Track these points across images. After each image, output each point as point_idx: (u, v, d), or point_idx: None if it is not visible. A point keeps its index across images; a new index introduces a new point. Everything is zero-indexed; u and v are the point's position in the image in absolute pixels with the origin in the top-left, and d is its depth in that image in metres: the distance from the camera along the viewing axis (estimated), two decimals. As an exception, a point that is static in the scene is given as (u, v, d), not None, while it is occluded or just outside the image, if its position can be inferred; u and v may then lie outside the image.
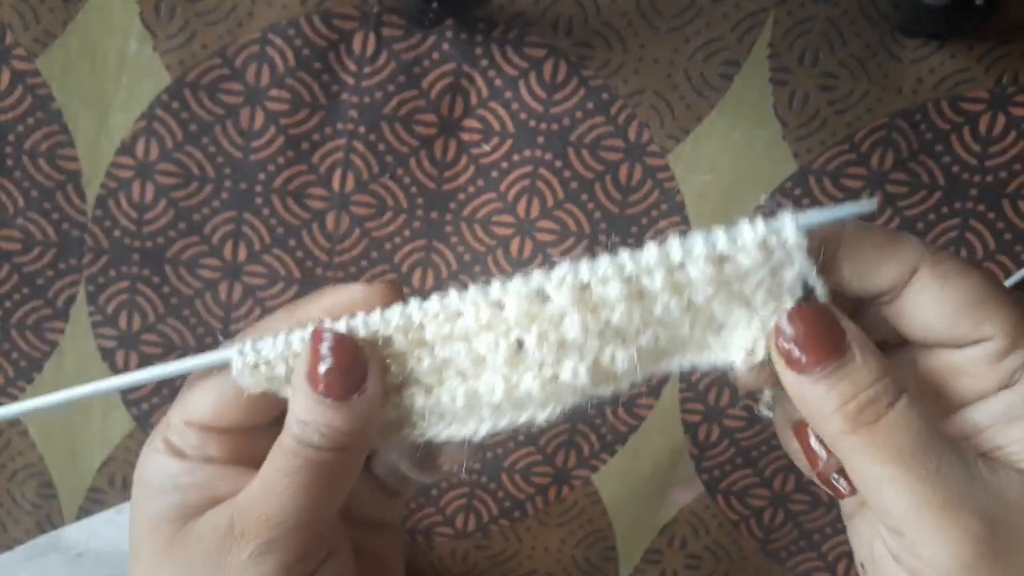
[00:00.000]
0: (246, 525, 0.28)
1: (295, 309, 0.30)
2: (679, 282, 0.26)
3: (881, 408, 0.24)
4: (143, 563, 0.30)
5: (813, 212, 0.26)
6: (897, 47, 0.51)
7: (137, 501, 0.31)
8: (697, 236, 0.26)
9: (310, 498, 0.29)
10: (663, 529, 0.57)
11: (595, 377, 0.28)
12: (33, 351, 0.55)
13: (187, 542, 0.29)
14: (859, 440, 0.25)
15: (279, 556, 0.28)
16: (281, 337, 0.29)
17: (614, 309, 0.26)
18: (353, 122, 0.52)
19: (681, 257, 0.26)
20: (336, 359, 0.27)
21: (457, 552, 0.57)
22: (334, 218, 0.53)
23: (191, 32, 0.51)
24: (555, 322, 0.27)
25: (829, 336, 0.25)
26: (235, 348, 0.29)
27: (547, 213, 0.53)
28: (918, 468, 0.24)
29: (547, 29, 0.51)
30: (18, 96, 0.52)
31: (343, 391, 0.28)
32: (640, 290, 0.26)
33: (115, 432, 0.56)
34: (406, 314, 0.28)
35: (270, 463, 0.29)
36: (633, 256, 0.26)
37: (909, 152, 0.52)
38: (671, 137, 0.52)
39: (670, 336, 0.27)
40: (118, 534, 0.55)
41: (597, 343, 0.27)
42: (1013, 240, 0.53)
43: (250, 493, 0.29)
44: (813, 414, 0.26)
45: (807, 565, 0.57)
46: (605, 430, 0.56)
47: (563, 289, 0.26)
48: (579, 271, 0.27)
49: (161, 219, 0.53)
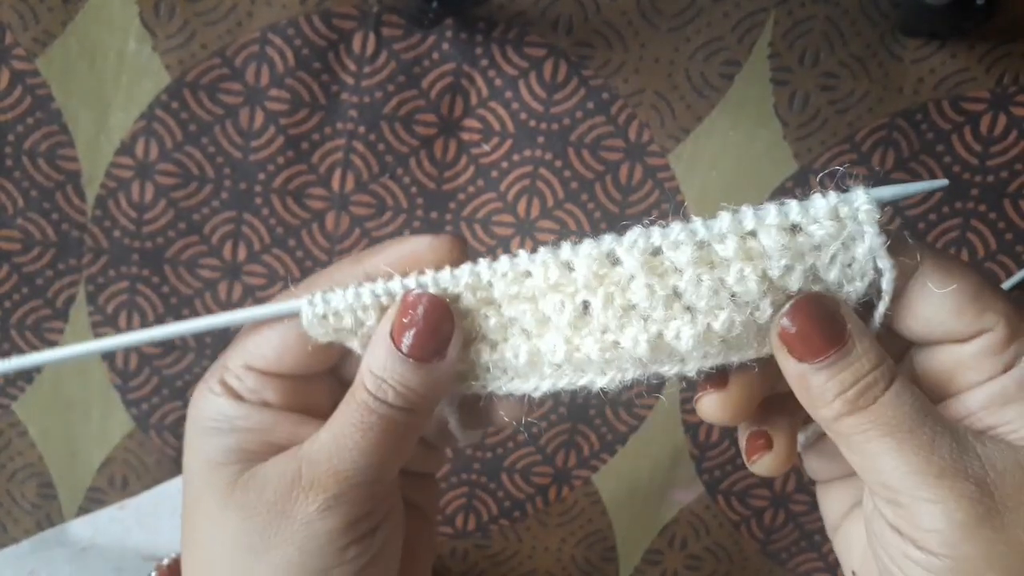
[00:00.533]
0: (315, 476, 0.28)
1: (361, 260, 0.30)
2: (752, 249, 0.26)
3: (878, 391, 0.26)
4: (204, 506, 0.29)
5: (887, 187, 0.26)
6: (898, 47, 0.51)
7: (192, 441, 0.31)
8: (771, 205, 0.26)
9: (379, 455, 0.29)
10: (663, 529, 0.57)
11: (655, 350, 0.27)
12: (33, 351, 0.55)
13: (250, 488, 0.29)
14: (858, 420, 0.26)
15: (345, 512, 0.28)
16: (352, 290, 0.29)
17: (683, 274, 0.26)
18: (353, 122, 0.52)
19: (754, 224, 0.26)
20: (426, 322, 0.28)
21: (457, 551, 0.57)
22: (334, 218, 0.53)
23: (191, 32, 0.51)
24: (622, 286, 0.27)
25: (831, 327, 0.26)
26: (305, 299, 0.29)
27: (547, 213, 0.53)
28: (913, 441, 0.25)
29: (547, 29, 0.51)
30: (18, 96, 0.52)
31: (427, 354, 0.28)
32: (711, 260, 0.26)
33: (115, 432, 0.56)
34: (476, 273, 0.28)
35: (343, 416, 0.29)
36: (706, 223, 0.26)
37: (910, 152, 0.52)
38: (671, 137, 0.52)
39: (746, 321, 0.27)
40: (123, 531, 0.55)
41: (663, 313, 0.27)
42: (1014, 240, 0.53)
43: (320, 444, 0.29)
44: (814, 400, 0.27)
45: (808, 566, 0.57)
46: (605, 430, 0.55)
47: (633, 252, 0.27)
48: (651, 235, 0.27)
49: (161, 219, 0.53)
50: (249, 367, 0.30)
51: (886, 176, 0.52)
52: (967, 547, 0.25)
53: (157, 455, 0.56)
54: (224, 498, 0.29)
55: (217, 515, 0.29)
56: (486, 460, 0.56)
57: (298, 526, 0.28)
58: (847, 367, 0.26)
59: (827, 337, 0.26)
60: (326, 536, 0.28)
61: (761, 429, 0.30)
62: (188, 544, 0.31)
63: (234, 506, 0.29)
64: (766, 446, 0.30)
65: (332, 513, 0.28)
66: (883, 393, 0.26)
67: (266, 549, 0.28)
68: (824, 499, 0.33)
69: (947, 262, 0.26)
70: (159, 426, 0.56)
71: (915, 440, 0.25)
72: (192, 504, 0.30)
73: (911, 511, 0.26)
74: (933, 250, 0.27)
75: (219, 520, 0.29)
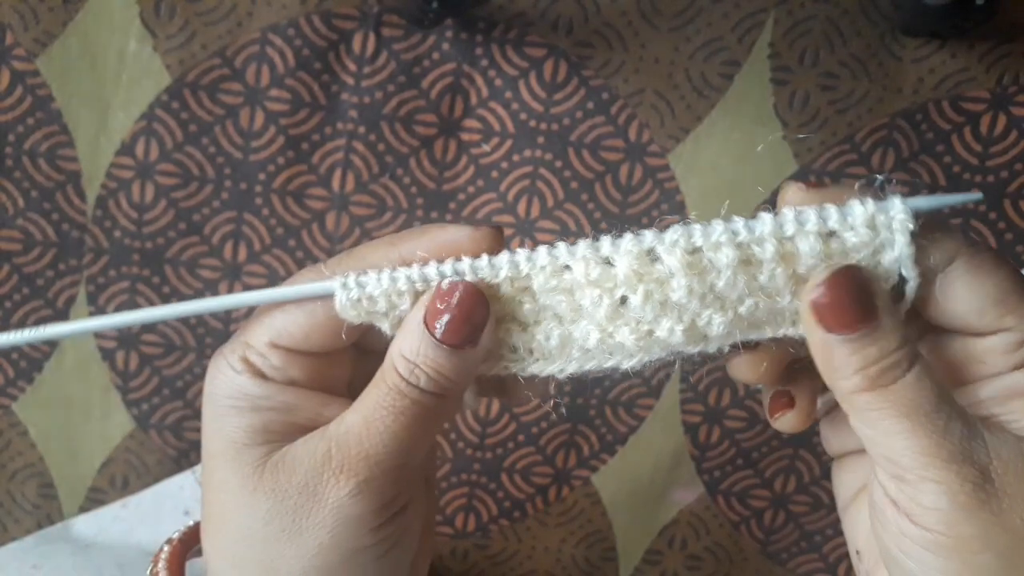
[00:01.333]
0: (346, 459, 0.28)
1: (397, 242, 0.29)
2: (788, 252, 0.27)
3: (899, 372, 0.26)
4: (232, 488, 0.29)
5: (922, 198, 0.27)
6: (898, 47, 0.51)
7: (213, 420, 0.30)
8: (810, 211, 0.27)
9: (410, 439, 0.29)
10: (663, 530, 0.57)
11: (689, 337, 0.28)
12: (33, 351, 0.55)
13: (280, 471, 0.29)
14: (875, 397, 0.26)
15: (375, 495, 0.29)
16: (387, 274, 0.29)
17: (721, 274, 0.27)
18: (353, 122, 0.52)
19: (794, 230, 0.27)
20: (461, 310, 0.28)
21: (457, 551, 0.57)
22: (334, 218, 0.53)
23: (191, 32, 0.51)
24: (662, 282, 0.28)
25: (863, 302, 0.26)
26: (339, 281, 0.29)
27: (547, 213, 0.53)
28: (928, 424, 0.26)
29: (547, 29, 0.51)
30: (18, 96, 0.52)
31: (460, 340, 0.28)
32: (748, 257, 0.27)
33: (115, 432, 0.56)
34: (515, 264, 0.29)
35: (373, 399, 0.29)
36: (747, 224, 0.27)
37: (910, 152, 0.52)
38: (671, 137, 0.52)
39: (769, 306, 0.28)
40: (126, 529, 0.55)
41: (698, 305, 0.28)
42: (1014, 240, 0.53)
43: (349, 426, 0.29)
44: (835, 371, 0.27)
45: (808, 567, 0.57)
46: (605, 430, 0.55)
47: (675, 251, 0.27)
48: (692, 235, 0.27)
49: (161, 219, 0.53)
50: (275, 345, 0.30)
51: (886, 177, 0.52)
52: (965, 528, 0.26)
53: (158, 455, 0.56)
54: (253, 481, 0.29)
55: (246, 498, 0.29)
56: (486, 460, 0.56)
57: (329, 510, 0.28)
58: (873, 343, 0.26)
59: (858, 312, 0.26)
60: (357, 520, 0.29)
61: (785, 388, 0.31)
62: (214, 525, 0.30)
63: (264, 489, 0.29)
64: (788, 404, 0.31)
65: (363, 497, 0.28)
66: (904, 374, 0.26)
67: (298, 532, 0.28)
68: (837, 476, 0.33)
69: (979, 261, 0.27)
70: (159, 426, 0.56)
71: (930, 424, 0.26)
72: (218, 484, 0.30)
73: (914, 488, 0.26)
74: (969, 247, 0.27)
75: (249, 503, 0.29)
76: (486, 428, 0.56)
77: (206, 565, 0.31)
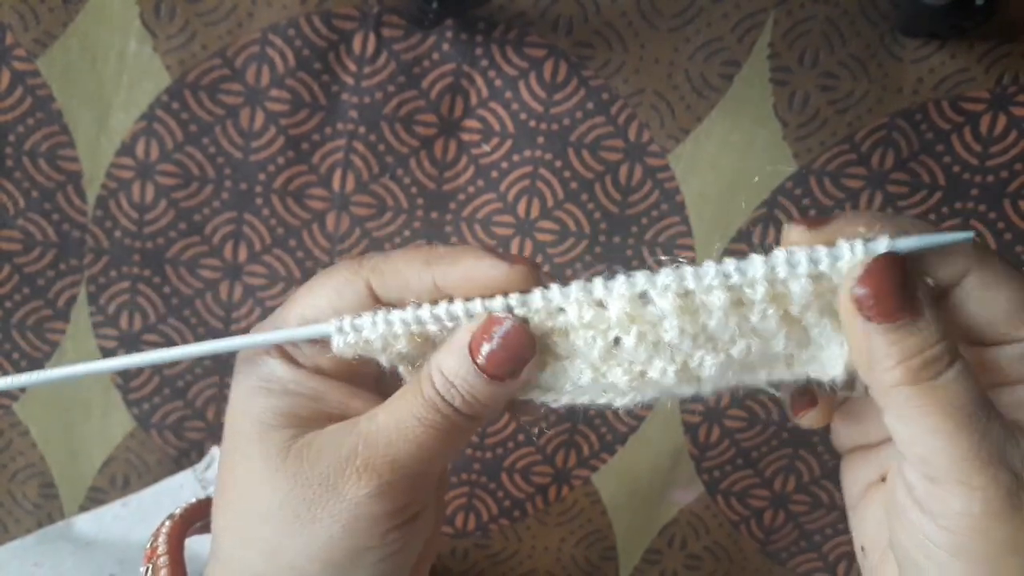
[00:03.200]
0: (370, 460, 0.29)
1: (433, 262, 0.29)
2: (779, 293, 0.27)
3: (941, 367, 0.26)
4: (253, 467, 0.30)
5: (911, 238, 0.27)
6: (897, 47, 0.51)
7: (241, 399, 0.31)
8: (801, 253, 0.27)
9: (435, 451, 0.29)
10: (663, 529, 0.57)
11: (681, 378, 0.29)
12: (34, 351, 0.55)
13: (304, 458, 0.29)
14: (917, 392, 0.26)
15: (393, 499, 0.29)
16: (381, 317, 0.29)
17: (712, 315, 0.27)
18: (353, 122, 0.52)
19: (786, 273, 0.27)
20: (506, 343, 0.28)
21: (457, 551, 0.57)
22: (334, 218, 0.53)
23: (191, 32, 0.51)
24: (654, 324, 0.28)
25: (905, 291, 0.26)
26: (334, 325, 0.29)
27: (547, 213, 0.53)
28: (970, 425, 0.25)
29: (547, 29, 0.51)
30: (18, 97, 0.52)
31: (502, 374, 0.28)
32: (740, 299, 0.27)
33: (115, 432, 0.56)
34: (510, 308, 0.29)
35: (407, 405, 0.29)
36: (739, 267, 0.27)
37: (910, 152, 0.52)
38: (671, 137, 0.52)
39: (762, 349, 0.28)
40: (126, 528, 0.56)
41: (690, 346, 0.28)
42: (1014, 240, 0.53)
43: (379, 427, 0.29)
44: (875, 362, 0.27)
45: (808, 566, 0.57)
46: (605, 430, 0.56)
47: (667, 295, 0.27)
48: (684, 278, 0.27)
49: (161, 219, 0.53)
50: None
51: (886, 175, 0.52)
52: (996, 533, 0.25)
53: (158, 455, 0.56)
54: (277, 462, 0.29)
55: (267, 478, 0.29)
56: (486, 460, 0.56)
57: (346, 504, 0.29)
58: (914, 334, 0.26)
59: (901, 301, 0.26)
60: (371, 519, 0.29)
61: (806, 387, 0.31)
62: (228, 500, 0.31)
63: (286, 472, 0.29)
64: (811, 403, 0.31)
65: (381, 499, 0.29)
66: (946, 369, 0.26)
67: (311, 520, 0.29)
68: (847, 472, 0.33)
69: (992, 275, 0.27)
70: (160, 426, 0.56)
71: (973, 425, 0.25)
72: (240, 461, 0.30)
73: (946, 491, 0.26)
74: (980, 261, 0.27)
75: (268, 483, 0.29)
76: (486, 428, 0.56)
77: (213, 540, 0.31)
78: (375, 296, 0.30)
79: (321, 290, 0.30)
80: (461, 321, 0.29)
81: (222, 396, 0.56)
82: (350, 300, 0.30)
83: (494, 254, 0.29)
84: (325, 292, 0.30)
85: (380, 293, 0.30)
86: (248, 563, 0.30)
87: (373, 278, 0.30)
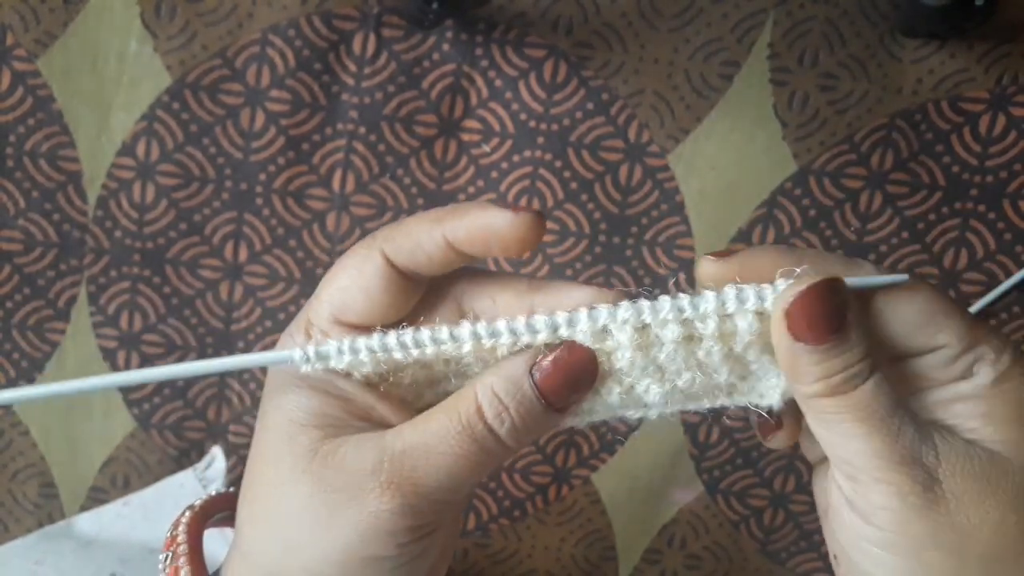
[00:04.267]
0: (395, 478, 0.29)
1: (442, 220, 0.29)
2: (726, 331, 0.29)
3: (860, 380, 0.27)
4: (282, 464, 0.30)
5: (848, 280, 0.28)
6: (897, 47, 0.51)
7: (274, 395, 0.31)
8: (749, 289, 0.28)
9: (464, 481, 0.29)
10: (663, 529, 0.57)
11: (625, 401, 0.30)
12: (34, 351, 0.55)
13: (329, 462, 0.29)
14: (834, 402, 0.28)
15: (414, 518, 0.29)
16: (347, 344, 0.29)
17: (663, 348, 0.29)
18: (353, 122, 0.52)
19: (734, 308, 0.28)
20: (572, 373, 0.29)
21: (457, 551, 0.57)
22: (334, 218, 0.53)
23: (191, 33, 0.51)
24: (609, 353, 0.29)
25: (835, 315, 0.27)
26: (298, 353, 0.29)
27: (547, 213, 0.53)
28: (882, 428, 0.27)
29: (547, 29, 0.51)
30: (19, 97, 0.52)
31: (560, 402, 0.29)
32: (691, 334, 0.29)
33: (116, 432, 0.56)
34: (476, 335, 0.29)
35: (441, 430, 0.29)
36: (692, 302, 0.28)
37: (909, 152, 0.52)
38: (671, 137, 0.52)
39: (706, 381, 0.30)
40: (128, 527, 0.56)
41: (639, 375, 0.30)
42: (1013, 240, 0.53)
43: (407, 447, 0.29)
44: (797, 376, 0.28)
45: (807, 566, 0.57)
46: (605, 430, 0.56)
47: (625, 328, 0.28)
48: (641, 312, 0.28)
49: (162, 220, 0.53)
50: (337, 320, 0.30)
51: (885, 175, 0.52)
52: (916, 526, 0.27)
53: (158, 454, 0.56)
54: (303, 463, 0.29)
55: (293, 478, 0.29)
56: (486, 460, 0.56)
57: (365, 515, 0.29)
58: (838, 355, 0.27)
59: (831, 326, 0.27)
60: (389, 534, 0.29)
61: None
62: (254, 496, 0.31)
63: (311, 475, 0.29)
64: (777, 426, 0.32)
65: (402, 518, 0.29)
66: (864, 382, 0.27)
67: (330, 526, 0.29)
68: (816, 482, 0.35)
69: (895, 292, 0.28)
70: (160, 426, 0.56)
71: (885, 428, 0.27)
72: (271, 460, 0.30)
73: (867, 488, 0.27)
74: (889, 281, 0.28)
75: (293, 483, 0.29)
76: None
77: (236, 529, 0.32)
78: (391, 263, 0.30)
79: (344, 272, 0.30)
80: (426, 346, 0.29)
81: (222, 396, 0.56)
82: (370, 274, 0.30)
83: (499, 204, 0.29)
84: (348, 273, 0.30)
85: (395, 259, 0.30)
86: (266, 558, 0.30)
87: (387, 246, 0.30)
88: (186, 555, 0.33)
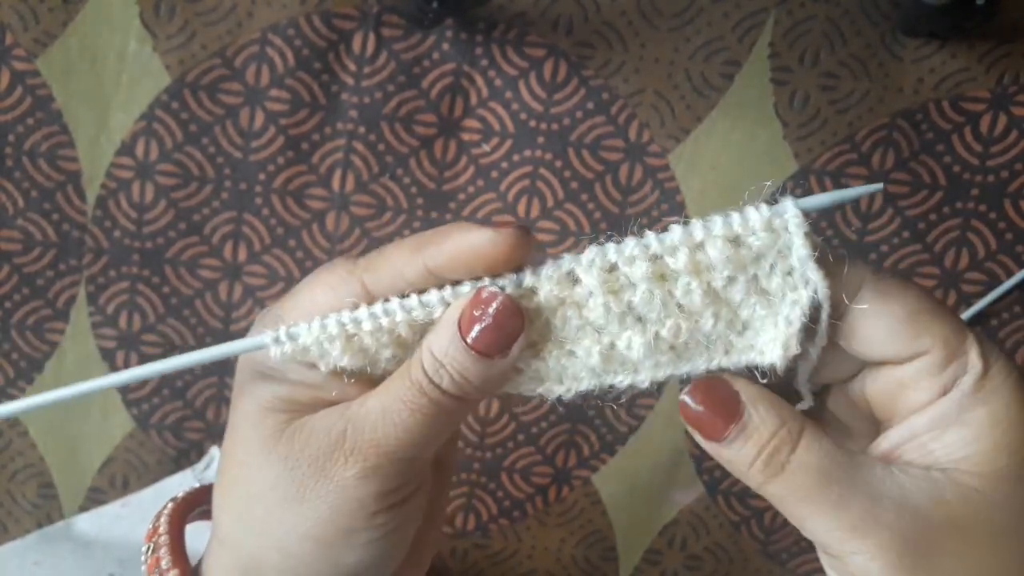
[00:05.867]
0: (357, 444, 0.29)
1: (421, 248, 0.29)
2: (700, 263, 0.28)
3: (784, 457, 0.27)
4: (250, 449, 0.30)
5: (817, 196, 0.27)
6: (898, 47, 0.51)
7: (244, 384, 0.31)
8: (716, 216, 0.27)
9: (423, 435, 0.29)
10: (663, 530, 0.57)
11: (607, 360, 0.29)
12: (34, 351, 0.55)
13: (295, 441, 0.30)
14: (775, 488, 0.28)
15: (380, 482, 0.29)
16: (317, 323, 0.29)
17: (636, 289, 0.28)
18: (353, 122, 0.52)
19: (702, 236, 0.27)
20: (496, 320, 0.28)
21: (457, 551, 0.57)
22: (334, 218, 0.53)
23: (191, 32, 0.51)
24: (580, 303, 0.28)
25: (725, 404, 0.28)
26: (270, 336, 0.30)
27: (547, 213, 0.53)
28: (822, 503, 0.27)
29: (547, 29, 0.51)
30: (18, 96, 0.52)
31: (491, 350, 0.28)
32: (663, 272, 0.28)
33: (115, 432, 0.56)
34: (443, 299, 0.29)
35: (395, 391, 0.29)
36: (659, 236, 0.28)
37: (910, 152, 0.52)
38: (671, 137, 0.52)
39: (692, 330, 0.28)
40: (127, 528, 0.56)
41: (617, 327, 0.28)
42: (1014, 240, 0.53)
43: (367, 412, 0.29)
44: (735, 471, 0.29)
45: (808, 567, 0.57)
46: (605, 430, 0.56)
47: (592, 271, 0.28)
48: (607, 253, 0.28)
49: (161, 219, 0.53)
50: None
51: (886, 175, 0.52)
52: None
53: (157, 455, 0.56)
54: (270, 445, 0.30)
55: (260, 460, 0.30)
56: (486, 460, 0.56)
57: (333, 486, 0.29)
58: (747, 440, 0.27)
59: (723, 415, 0.28)
60: (358, 501, 0.29)
61: None
62: (227, 482, 0.31)
63: (278, 455, 0.30)
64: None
65: (367, 482, 0.29)
66: (788, 458, 0.27)
67: (300, 501, 0.29)
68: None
69: (885, 286, 0.27)
70: (159, 426, 0.56)
71: (827, 502, 0.27)
72: (240, 444, 0.31)
73: (842, 561, 0.27)
74: (874, 275, 0.27)
75: (261, 465, 0.30)
76: (486, 428, 0.56)
77: (213, 519, 0.32)
78: (369, 294, 0.30)
79: (320, 288, 0.31)
80: (398, 319, 0.29)
81: (222, 396, 0.56)
82: (344, 298, 0.30)
83: (480, 225, 0.29)
84: (323, 291, 0.30)
85: (374, 289, 0.30)
86: (242, 542, 0.31)
87: (367, 276, 0.30)
88: (167, 545, 0.33)
